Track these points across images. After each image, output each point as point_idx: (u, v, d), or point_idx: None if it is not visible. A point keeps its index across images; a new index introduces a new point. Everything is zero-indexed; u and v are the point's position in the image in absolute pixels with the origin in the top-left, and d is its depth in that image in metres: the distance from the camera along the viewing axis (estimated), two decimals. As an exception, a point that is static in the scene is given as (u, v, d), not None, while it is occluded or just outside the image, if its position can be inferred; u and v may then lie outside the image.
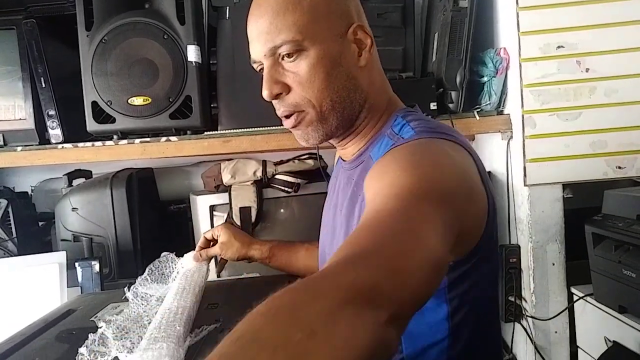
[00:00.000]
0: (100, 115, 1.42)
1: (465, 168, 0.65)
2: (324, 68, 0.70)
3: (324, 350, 0.33)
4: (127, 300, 0.90)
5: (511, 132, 1.47)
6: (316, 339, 0.33)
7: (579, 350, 1.41)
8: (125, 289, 0.92)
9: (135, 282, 0.94)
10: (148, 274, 0.97)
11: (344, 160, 0.84)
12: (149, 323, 0.73)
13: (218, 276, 1.36)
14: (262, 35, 0.70)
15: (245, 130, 1.46)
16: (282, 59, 0.71)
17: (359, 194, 0.73)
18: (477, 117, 1.47)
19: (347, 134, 0.78)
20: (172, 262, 1.02)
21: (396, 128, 0.74)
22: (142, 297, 0.88)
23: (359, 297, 0.37)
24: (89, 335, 0.71)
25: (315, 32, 0.69)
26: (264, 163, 1.64)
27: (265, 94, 0.73)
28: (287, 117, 0.75)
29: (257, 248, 1.08)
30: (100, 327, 0.75)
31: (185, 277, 0.90)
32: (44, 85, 1.47)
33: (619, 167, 1.39)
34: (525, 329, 1.48)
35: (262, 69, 0.74)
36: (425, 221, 0.50)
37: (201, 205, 1.60)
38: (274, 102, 0.74)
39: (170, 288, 0.86)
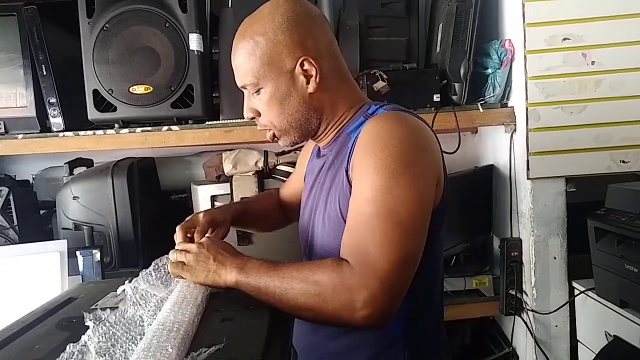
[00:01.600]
0: (102, 104, 1.41)
1: (428, 139, 0.82)
2: (277, 100, 0.87)
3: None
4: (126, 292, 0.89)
5: (515, 124, 1.46)
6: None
7: (579, 344, 1.41)
8: (126, 282, 0.85)
9: (137, 273, 0.89)
10: (153, 269, 0.88)
11: (322, 147, 0.99)
12: (140, 336, 0.66)
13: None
14: (236, 74, 0.90)
15: (247, 120, 1.45)
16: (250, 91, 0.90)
17: (339, 165, 0.87)
18: (481, 110, 1.46)
19: (316, 135, 0.94)
20: None
21: (370, 110, 0.88)
22: (142, 295, 0.80)
23: None
24: (67, 347, 0.63)
25: (266, 74, 0.85)
26: (266, 153, 1.63)
27: (244, 116, 0.94)
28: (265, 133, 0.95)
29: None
30: (85, 333, 0.67)
31: (188, 282, 0.83)
32: (45, 73, 1.46)
33: (623, 162, 1.38)
34: (525, 323, 1.48)
35: None
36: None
37: (202, 195, 1.59)
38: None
39: (172, 293, 0.78)
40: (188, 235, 0.95)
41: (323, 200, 0.92)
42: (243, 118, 1.44)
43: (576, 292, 1.40)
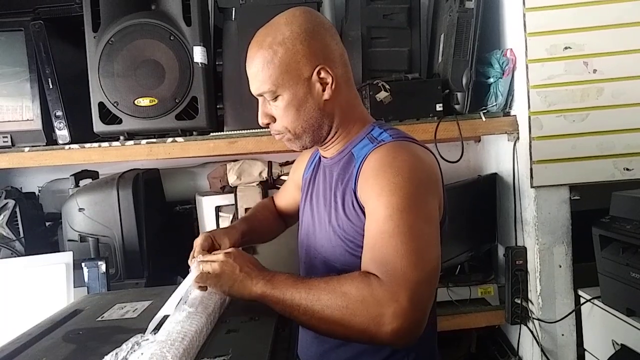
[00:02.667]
0: (107, 116, 1.43)
1: (433, 168, 0.88)
2: (294, 106, 0.91)
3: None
4: (133, 300, 0.90)
5: (518, 133, 1.46)
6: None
7: (586, 353, 1.40)
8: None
9: (143, 285, 0.89)
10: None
11: (325, 157, 1.02)
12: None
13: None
14: (251, 81, 0.92)
15: (251, 131, 1.47)
16: (266, 98, 0.93)
17: (346, 184, 0.92)
18: (484, 119, 1.46)
19: (325, 142, 0.98)
20: None
21: (375, 133, 0.94)
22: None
23: None
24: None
25: (285, 82, 0.89)
26: (270, 164, 1.64)
27: (259, 122, 0.95)
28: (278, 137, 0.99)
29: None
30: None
31: (203, 293, 0.81)
32: (51, 86, 1.48)
33: (627, 169, 1.38)
34: (531, 332, 1.47)
35: None
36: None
37: (207, 205, 1.60)
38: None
39: (185, 304, 0.77)
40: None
41: (327, 215, 0.95)
42: (247, 129, 1.47)
43: (582, 300, 1.39)
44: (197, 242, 0.97)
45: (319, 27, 0.90)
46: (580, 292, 1.41)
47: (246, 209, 1.52)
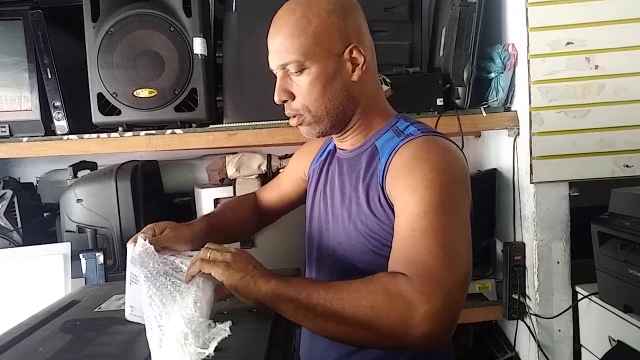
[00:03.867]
0: (106, 107, 1.42)
1: (466, 165, 0.84)
2: (320, 83, 0.84)
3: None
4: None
5: (518, 128, 1.46)
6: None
7: (583, 349, 1.41)
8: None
9: None
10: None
11: (343, 150, 0.96)
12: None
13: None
14: (275, 53, 0.85)
15: (250, 123, 1.46)
16: (289, 72, 0.85)
17: (370, 178, 0.87)
18: (484, 114, 1.46)
19: (344, 130, 0.92)
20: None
21: (401, 126, 0.89)
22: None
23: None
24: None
25: (316, 54, 0.83)
26: (269, 157, 1.63)
27: (275, 99, 0.87)
28: (292, 119, 0.90)
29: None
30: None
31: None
32: (50, 77, 1.47)
33: (627, 166, 1.38)
34: (528, 327, 1.47)
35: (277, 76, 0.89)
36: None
37: (206, 198, 1.60)
38: (283, 105, 0.89)
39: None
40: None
41: (347, 211, 0.90)
42: (246, 122, 1.46)
43: (579, 296, 1.40)
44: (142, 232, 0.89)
45: (354, 7, 0.87)
46: (577, 289, 1.41)
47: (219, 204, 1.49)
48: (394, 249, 0.76)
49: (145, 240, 0.82)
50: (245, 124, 1.46)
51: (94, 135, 1.46)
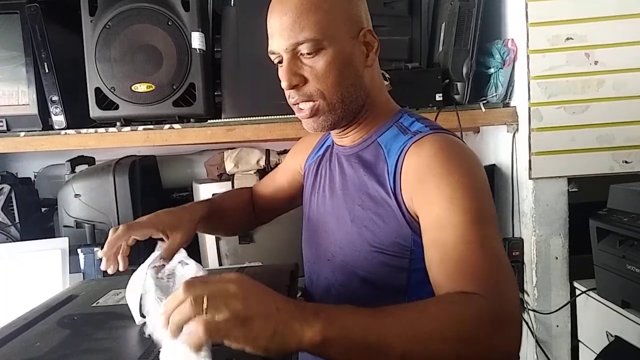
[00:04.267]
0: (104, 102, 1.41)
1: (480, 165, 0.77)
2: (337, 66, 0.77)
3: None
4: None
5: (517, 124, 1.45)
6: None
7: (580, 344, 1.41)
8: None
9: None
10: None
11: (341, 146, 0.91)
12: None
13: (220, 265, 1.36)
14: (285, 31, 0.76)
15: (248, 118, 1.46)
16: (301, 54, 0.77)
17: (378, 180, 0.80)
18: (483, 109, 1.45)
19: (349, 124, 0.85)
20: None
21: (405, 122, 0.84)
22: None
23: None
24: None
25: (334, 33, 0.76)
26: (267, 152, 1.63)
27: (284, 84, 0.79)
28: (301, 108, 0.81)
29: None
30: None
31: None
32: (47, 71, 1.46)
33: (626, 162, 1.38)
34: (526, 322, 1.47)
35: (280, 61, 0.80)
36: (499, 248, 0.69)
37: (204, 193, 1.59)
38: (289, 91, 0.80)
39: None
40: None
41: (348, 213, 0.84)
42: (245, 117, 1.46)
43: (577, 292, 1.40)
44: (121, 234, 0.81)
45: None
46: (575, 284, 1.42)
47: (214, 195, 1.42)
48: (447, 263, 0.67)
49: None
50: (243, 119, 1.46)
51: (92, 130, 1.46)
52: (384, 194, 0.79)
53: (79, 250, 1.27)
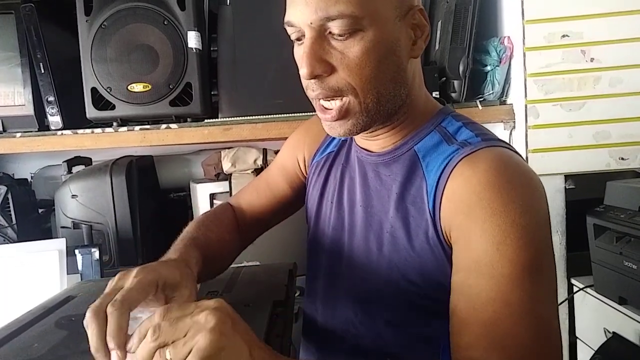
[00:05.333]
0: (100, 102, 1.41)
1: (543, 195, 0.62)
2: (377, 54, 0.60)
3: None
4: None
5: (514, 122, 1.46)
6: None
7: (578, 341, 1.42)
8: None
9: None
10: None
11: (366, 150, 0.73)
12: None
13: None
14: (313, 2, 0.57)
15: (246, 118, 1.45)
16: (330, 32, 0.59)
17: (413, 202, 0.65)
18: (480, 107, 1.46)
19: (382, 127, 0.69)
20: None
21: (450, 127, 0.68)
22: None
23: None
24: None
25: (376, 10, 0.58)
26: (265, 151, 1.63)
27: (304, 73, 0.60)
28: (326, 108, 0.64)
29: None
30: None
31: None
32: (43, 71, 1.46)
33: (622, 159, 1.38)
34: (524, 320, 1.48)
35: (299, 38, 0.62)
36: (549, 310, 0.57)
37: (201, 193, 1.59)
38: (309, 81, 0.62)
39: None
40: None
41: (378, 240, 0.69)
42: (242, 116, 1.46)
43: (575, 289, 1.40)
44: (129, 287, 0.53)
45: None
46: (573, 281, 1.42)
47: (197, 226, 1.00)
48: (473, 321, 0.55)
49: None
50: (240, 118, 1.46)
51: (88, 131, 1.45)
52: (419, 219, 0.64)
53: (76, 251, 1.26)
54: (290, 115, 1.40)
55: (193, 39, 1.39)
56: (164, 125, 1.44)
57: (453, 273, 0.60)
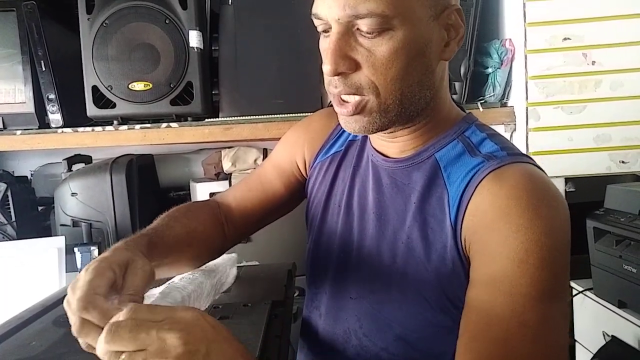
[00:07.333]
0: (101, 100, 1.41)
1: (567, 216, 0.60)
2: (406, 56, 0.57)
3: None
4: None
5: (515, 124, 1.46)
6: None
7: (577, 344, 1.41)
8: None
9: None
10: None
11: (382, 154, 0.70)
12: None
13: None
14: None
15: (246, 117, 1.45)
16: (358, 29, 0.57)
17: (434, 215, 0.63)
18: (481, 109, 1.46)
19: (402, 128, 0.66)
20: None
21: (474, 138, 0.66)
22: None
23: None
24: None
25: (408, 10, 0.55)
26: (265, 151, 1.63)
27: (328, 70, 0.58)
28: (344, 101, 0.61)
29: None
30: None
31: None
32: (44, 69, 1.46)
33: (623, 162, 1.38)
34: (523, 322, 1.47)
35: (326, 30, 0.61)
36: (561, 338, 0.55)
37: (201, 192, 1.59)
38: (333, 78, 0.60)
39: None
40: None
41: (392, 251, 0.66)
42: (242, 116, 1.46)
43: (574, 292, 1.40)
44: (86, 281, 0.51)
45: None
46: (572, 284, 1.41)
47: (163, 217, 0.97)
48: (483, 338, 0.53)
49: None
50: (241, 118, 1.46)
51: (89, 129, 1.45)
52: (439, 231, 0.61)
53: (75, 249, 1.26)
54: (290, 115, 1.40)
55: (194, 38, 1.39)
56: (164, 124, 1.44)
57: (469, 287, 0.58)
